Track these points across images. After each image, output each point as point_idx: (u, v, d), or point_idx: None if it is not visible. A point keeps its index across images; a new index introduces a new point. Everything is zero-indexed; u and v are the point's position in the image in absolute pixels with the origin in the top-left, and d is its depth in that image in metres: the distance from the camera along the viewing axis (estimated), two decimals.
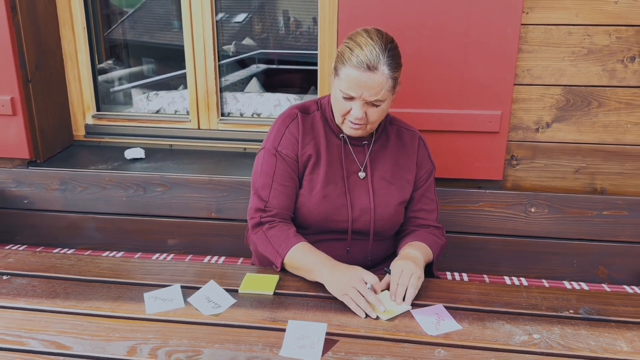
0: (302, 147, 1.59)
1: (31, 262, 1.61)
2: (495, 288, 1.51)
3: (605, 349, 1.25)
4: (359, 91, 1.45)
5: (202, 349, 1.22)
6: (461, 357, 1.21)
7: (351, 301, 1.36)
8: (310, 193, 1.59)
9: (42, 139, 2.31)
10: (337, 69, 1.48)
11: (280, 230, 1.54)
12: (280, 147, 1.59)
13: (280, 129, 1.62)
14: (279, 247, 1.51)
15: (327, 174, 1.59)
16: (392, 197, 1.62)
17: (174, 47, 2.85)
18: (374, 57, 1.42)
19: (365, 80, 1.43)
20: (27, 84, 2.21)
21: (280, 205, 1.57)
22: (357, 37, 1.47)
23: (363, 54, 1.42)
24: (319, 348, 1.22)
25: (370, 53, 1.42)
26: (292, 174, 1.60)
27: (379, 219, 1.61)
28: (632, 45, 1.92)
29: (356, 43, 1.45)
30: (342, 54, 1.47)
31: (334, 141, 1.62)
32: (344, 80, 1.46)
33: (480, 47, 1.94)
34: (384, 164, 1.63)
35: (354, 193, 1.60)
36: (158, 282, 1.49)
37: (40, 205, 2.25)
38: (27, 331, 1.28)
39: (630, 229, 2.02)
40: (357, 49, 1.44)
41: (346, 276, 1.39)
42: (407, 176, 1.65)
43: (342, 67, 1.46)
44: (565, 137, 2.05)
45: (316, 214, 1.58)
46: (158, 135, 2.49)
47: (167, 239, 2.23)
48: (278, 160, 1.59)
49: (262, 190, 1.59)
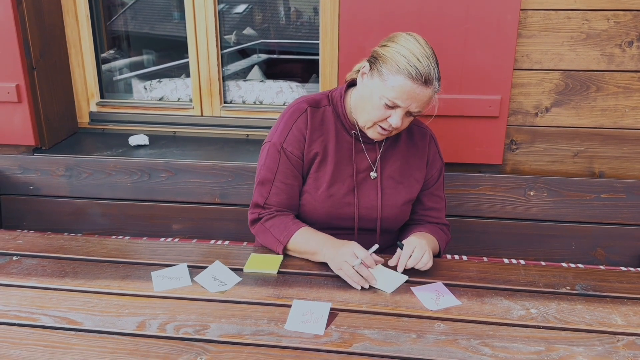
0: (309, 145, 1.56)
1: (40, 243, 1.64)
2: (493, 266, 1.55)
3: (600, 322, 1.28)
4: (408, 102, 1.41)
5: (209, 323, 1.26)
6: (460, 330, 1.25)
7: (346, 275, 1.40)
8: (315, 191, 1.57)
9: (47, 126, 2.34)
10: (383, 73, 1.41)
11: (278, 220, 1.56)
12: (286, 144, 1.56)
13: (288, 123, 1.58)
14: (279, 235, 1.53)
15: (334, 172, 1.57)
16: (399, 196, 1.61)
17: (174, 38, 2.87)
18: (431, 71, 1.39)
19: (418, 93, 1.39)
20: (32, 71, 2.24)
21: (280, 203, 1.58)
22: (409, 44, 1.41)
23: (421, 66, 1.38)
24: (322, 323, 1.25)
25: (428, 66, 1.38)
26: (296, 172, 1.58)
27: (385, 218, 1.61)
28: (630, 30, 1.94)
29: (410, 52, 1.39)
30: (393, 60, 1.40)
31: (345, 138, 1.58)
32: (394, 89, 1.40)
33: (479, 32, 1.97)
34: (393, 163, 1.61)
35: (361, 191, 1.59)
36: (165, 262, 1.52)
37: (46, 192, 2.28)
38: (39, 308, 1.31)
39: (627, 211, 2.06)
40: (414, 59, 1.38)
41: (339, 252, 1.43)
42: (417, 175, 1.64)
43: (394, 75, 1.39)
44: (564, 122, 2.07)
45: (321, 212, 1.58)
46: (162, 122, 2.52)
47: (172, 224, 2.26)
48: (282, 157, 1.56)
49: (263, 185, 1.58)
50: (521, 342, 1.20)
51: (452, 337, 1.22)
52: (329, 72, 2.31)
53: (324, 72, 2.32)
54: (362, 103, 1.50)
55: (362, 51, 2.04)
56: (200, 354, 1.15)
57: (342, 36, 2.06)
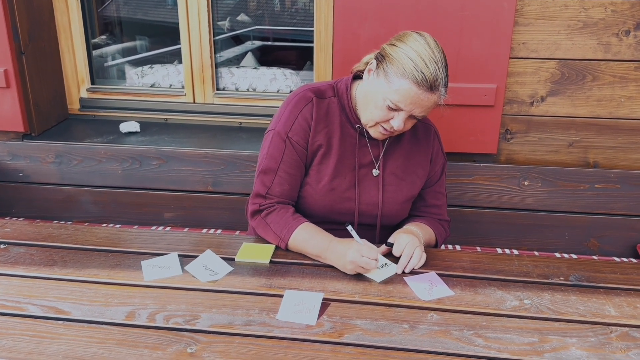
0: (314, 136, 1.52)
1: (28, 231, 1.62)
2: (487, 256, 1.54)
3: (594, 313, 1.28)
4: (411, 107, 1.38)
5: (200, 313, 1.24)
6: (453, 321, 1.24)
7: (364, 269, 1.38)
8: (317, 184, 1.54)
9: (36, 112, 2.30)
10: (389, 74, 1.38)
11: (278, 214, 1.52)
12: (291, 133, 1.51)
13: (294, 112, 1.53)
14: (280, 232, 1.50)
15: (337, 165, 1.54)
16: (401, 193, 1.59)
17: (168, 24, 2.84)
18: (438, 77, 1.35)
19: (423, 99, 1.36)
20: (21, 56, 2.20)
21: (282, 193, 1.54)
22: (418, 46, 1.36)
23: (428, 72, 1.33)
24: (314, 313, 1.24)
25: (435, 72, 1.34)
26: (300, 163, 1.54)
27: (386, 214, 1.59)
28: (627, 19, 1.92)
29: (419, 55, 1.35)
30: (400, 62, 1.36)
31: (349, 131, 1.55)
32: (398, 92, 1.36)
33: (476, 20, 1.94)
34: (396, 159, 1.59)
35: (362, 187, 1.56)
36: (155, 251, 1.50)
37: (36, 179, 2.25)
38: (26, 297, 1.29)
39: (621, 202, 2.05)
40: (421, 63, 1.34)
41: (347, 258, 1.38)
42: (419, 172, 1.61)
43: (399, 78, 1.35)
44: (560, 111, 2.06)
45: (322, 205, 1.56)
46: (153, 109, 2.48)
47: (164, 212, 2.24)
48: (287, 146, 1.52)
49: (266, 175, 1.54)
50: (514, 333, 1.20)
51: (444, 328, 1.21)
52: (323, 59, 2.28)
53: (318, 60, 2.29)
54: (365, 101, 1.47)
55: (357, 39, 2.02)
56: (191, 344, 1.14)
57: (337, 23, 2.03)
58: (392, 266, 1.43)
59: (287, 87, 2.54)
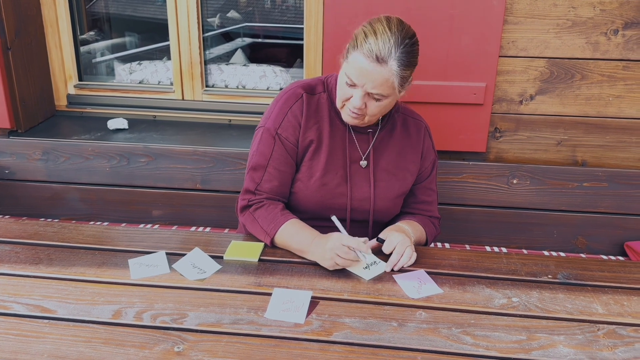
0: (304, 132, 1.53)
1: (14, 229, 1.60)
2: (476, 254, 1.54)
3: (582, 311, 1.28)
4: (362, 80, 1.38)
5: (187, 312, 1.23)
6: (442, 319, 1.24)
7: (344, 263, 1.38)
8: (308, 180, 1.54)
9: (23, 108, 2.27)
10: (348, 51, 1.41)
11: (266, 210, 1.52)
12: (280, 130, 1.52)
13: (283, 109, 1.54)
14: (267, 227, 1.50)
15: (328, 161, 1.54)
16: (392, 189, 1.59)
17: (157, 21, 2.81)
18: (385, 50, 1.34)
19: (371, 71, 1.36)
20: (7, 51, 2.17)
21: (272, 190, 1.54)
22: (376, 23, 1.39)
23: (376, 43, 1.35)
24: (303, 311, 1.23)
25: (383, 44, 1.34)
26: (290, 160, 1.54)
27: (378, 210, 1.59)
28: (616, 18, 1.93)
29: (373, 30, 1.37)
30: (356, 38, 1.40)
31: (339, 126, 1.55)
32: (351, 65, 1.39)
33: (465, 18, 1.94)
34: (387, 155, 1.59)
35: (354, 182, 1.56)
36: (143, 249, 1.49)
37: (22, 176, 2.23)
38: (11, 295, 1.27)
39: (609, 200, 2.07)
40: (372, 37, 1.36)
41: (326, 248, 1.39)
42: (410, 168, 1.62)
43: (353, 51, 1.39)
44: (548, 110, 2.07)
45: (313, 201, 1.55)
46: (141, 105, 2.46)
47: (152, 209, 2.22)
48: (277, 143, 1.52)
49: (255, 171, 1.54)
50: (502, 331, 1.20)
51: (433, 326, 1.21)
52: (313, 56, 2.27)
53: (308, 57, 2.28)
54: (338, 84, 1.49)
55: (347, 36, 2.00)
56: (178, 343, 1.13)
57: (327, 21, 2.02)
58: (381, 264, 1.43)
59: (277, 84, 2.53)
